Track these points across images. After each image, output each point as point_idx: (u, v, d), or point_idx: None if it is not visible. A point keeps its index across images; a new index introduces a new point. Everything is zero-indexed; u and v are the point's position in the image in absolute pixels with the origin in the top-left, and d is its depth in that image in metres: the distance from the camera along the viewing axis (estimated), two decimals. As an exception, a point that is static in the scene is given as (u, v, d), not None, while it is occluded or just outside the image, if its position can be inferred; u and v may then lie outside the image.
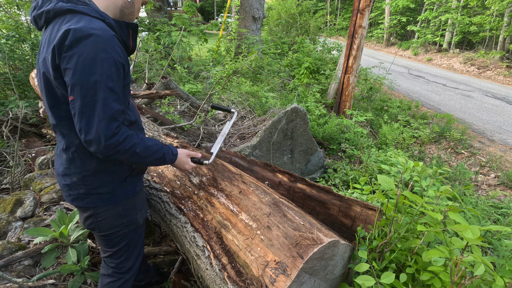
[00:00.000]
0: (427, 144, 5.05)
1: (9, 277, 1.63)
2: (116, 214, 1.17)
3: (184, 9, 4.64)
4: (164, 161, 1.16)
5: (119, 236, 1.23)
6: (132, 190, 1.20)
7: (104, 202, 1.13)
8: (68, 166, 1.06)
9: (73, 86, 0.87)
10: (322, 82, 6.28)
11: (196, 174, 1.64)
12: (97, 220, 1.15)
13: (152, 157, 1.09)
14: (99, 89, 0.89)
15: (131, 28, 1.06)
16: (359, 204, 1.47)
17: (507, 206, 2.63)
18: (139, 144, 1.02)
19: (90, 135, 0.90)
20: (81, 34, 0.85)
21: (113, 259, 1.29)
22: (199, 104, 3.75)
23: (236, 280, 1.08)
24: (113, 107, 0.92)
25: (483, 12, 15.32)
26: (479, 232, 0.87)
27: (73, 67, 0.86)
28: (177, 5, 21.33)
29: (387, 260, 1.11)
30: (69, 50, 0.85)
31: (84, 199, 1.10)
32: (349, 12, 25.53)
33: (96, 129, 0.89)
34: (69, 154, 1.04)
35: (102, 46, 0.88)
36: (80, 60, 0.85)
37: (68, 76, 0.87)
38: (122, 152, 0.97)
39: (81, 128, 0.90)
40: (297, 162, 2.98)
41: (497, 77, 11.36)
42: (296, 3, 10.07)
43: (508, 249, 1.70)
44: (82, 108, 0.88)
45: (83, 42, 0.85)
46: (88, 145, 0.93)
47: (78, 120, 0.90)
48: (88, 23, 0.88)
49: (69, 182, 1.08)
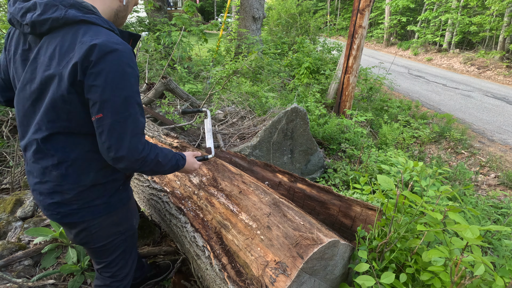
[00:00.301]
0: (427, 144, 5.05)
1: (9, 277, 1.63)
2: (111, 223, 1.14)
3: (184, 9, 4.64)
4: (178, 167, 1.16)
5: (115, 245, 1.20)
6: (126, 196, 1.18)
7: (100, 213, 1.09)
8: (59, 183, 0.99)
9: (103, 103, 0.85)
10: (322, 82, 6.28)
11: (196, 174, 1.64)
12: (91, 232, 1.10)
13: (169, 164, 1.09)
14: (130, 105, 0.88)
15: (133, 38, 1.06)
16: (359, 204, 1.47)
17: (507, 206, 2.63)
18: (160, 154, 1.03)
19: (122, 152, 0.89)
20: (106, 50, 0.83)
21: (109, 269, 1.25)
22: (199, 104, 3.75)
23: (236, 280, 1.08)
24: (142, 121, 0.93)
25: (483, 12, 15.33)
26: (479, 232, 0.87)
27: (102, 84, 0.83)
28: (177, 5, 21.33)
29: (387, 260, 1.11)
30: (95, 66, 0.82)
31: (77, 214, 1.05)
32: (349, 12, 25.54)
33: (129, 145, 0.89)
34: (62, 170, 0.97)
35: (127, 61, 0.87)
36: (110, 77, 0.84)
37: (96, 93, 0.84)
38: (148, 163, 0.98)
39: (111, 146, 0.88)
40: (297, 162, 2.98)
41: (497, 77, 11.36)
42: (296, 3, 10.07)
43: (508, 249, 1.70)
44: (113, 125, 0.87)
45: (109, 58, 0.83)
46: (118, 162, 0.91)
47: (107, 137, 0.87)
48: (108, 37, 0.86)
49: (60, 200, 1.01)
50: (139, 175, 1.84)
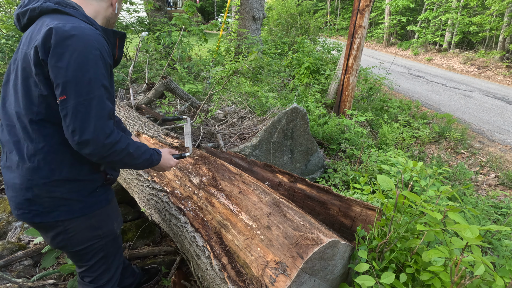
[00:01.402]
0: (427, 144, 5.05)
1: (9, 277, 1.63)
2: (89, 226, 1.09)
3: (184, 9, 4.64)
4: (152, 162, 1.13)
5: (94, 249, 1.15)
6: (105, 199, 1.13)
7: (74, 214, 1.03)
8: (31, 177, 0.93)
9: (65, 84, 0.83)
10: (322, 82, 6.28)
11: (196, 174, 1.64)
12: (68, 236, 1.05)
13: (142, 157, 1.06)
14: (95, 86, 0.85)
15: (118, 37, 1.04)
16: (359, 204, 1.47)
17: (507, 206, 2.63)
18: (131, 144, 0.99)
19: (87, 135, 0.85)
20: (71, 32, 0.83)
21: (90, 273, 1.21)
22: (199, 104, 3.74)
23: (236, 280, 1.08)
24: (108, 105, 0.90)
25: (483, 12, 15.32)
26: (479, 231, 0.87)
27: (65, 65, 0.82)
28: (177, 5, 21.33)
29: (387, 260, 1.11)
30: (58, 47, 0.82)
31: (50, 213, 0.99)
32: (349, 12, 25.53)
33: (94, 128, 0.85)
34: (35, 163, 0.92)
35: (94, 45, 0.86)
36: (73, 58, 0.82)
37: (59, 75, 0.82)
38: (118, 152, 0.93)
39: (76, 128, 0.84)
40: (297, 162, 2.98)
41: (497, 77, 11.36)
42: (296, 3, 10.07)
43: (508, 249, 1.70)
44: (77, 107, 0.83)
45: (74, 40, 0.83)
46: (83, 147, 0.86)
47: (71, 120, 0.84)
48: (77, 23, 0.87)
49: (31, 196, 0.95)
50: (138, 175, 1.84)
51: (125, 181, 1.99)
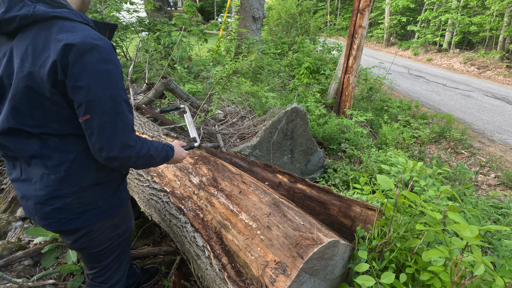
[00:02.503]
0: (427, 144, 5.05)
1: (9, 277, 1.63)
2: (112, 226, 1.11)
3: (184, 9, 4.64)
4: (167, 158, 1.15)
5: (113, 248, 1.17)
6: (126, 197, 1.17)
7: (101, 216, 1.06)
8: (58, 187, 0.94)
9: (89, 104, 0.82)
10: (322, 82, 6.28)
11: (196, 174, 1.64)
12: (91, 237, 1.07)
13: (160, 156, 1.08)
14: (117, 103, 0.87)
15: (109, 29, 1.04)
16: (358, 204, 1.47)
17: (507, 206, 2.63)
18: (151, 147, 1.03)
19: (114, 151, 0.88)
20: (85, 48, 0.80)
21: (102, 273, 1.21)
22: (199, 104, 3.74)
23: (236, 280, 1.08)
24: (131, 118, 0.92)
25: (483, 12, 15.32)
26: (478, 231, 0.87)
27: (86, 85, 0.81)
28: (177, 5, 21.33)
29: (386, 260, 1.11)
30: (76, 66, 0.79)
31: (79, 219, 1.01)
32: (349, 12, 25.53)
33: (120, 144, 0.88)
34: (61, 173, 0.93)
35: (108, 57, 0.85)
36: (93, 76, 0.81)
37: (80, 95, 0.81)
38: (142, 158, 0.97)
39: (103, 146, 0.86)
40: (297, 162, 2.98)
41: (497, 77, 11.36)
42: (296, 3, 10.07)
43: (508, 249, 1.70)
44: (102, 125, 0.85)
45: (89, 56, 0.80)
46: (111, 161, 0.90)
47: (98, 138, 0.86)
48: (85, 32, 0.83)
49: (61, 205, 0.96)
50: (138, 175, 1.84)
51: (125, 181, 1.98)
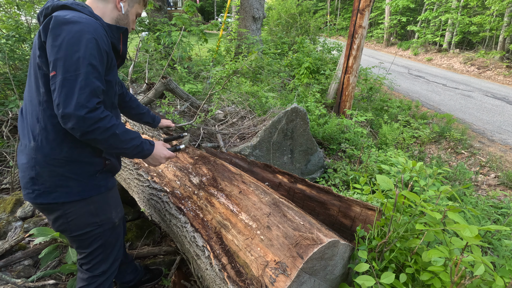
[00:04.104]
0: (427, 144, 5.05)
1: (8, 277, 1.63)
2: (88, 212, 1.13)
3: (184, 9, 4.64)
4: (142, 150, 1.13)
5: (93, 236, 1.18)
6: (104, 185, 1.17)
7: (73, 197, 1.07)
8: (35, 155, 1.00)
9: (56, 61, 0.90)
10: (322, 82, 6.27)
11: (196, 174, 1.64)
12: (68, 220, 1.10)
13: (130, 143, 1.06)
14: (82, 64, 0.91)
15: (122, 32, 1.12)
16: (358, 204, 1.47)
17: (507, 206, 2.63)
18: (119, 126, 1.02)
19: (69, 108, 0.88)
20: (68, 19, 0.92)
21: (87, 260, 1.23)
22: (199, 104, 3.75)
23: (236, 280, 1.08)
24: (94, 82, 0.93)
25: (483, 12, 15.32)
26: (478, 231, 0.87)
27: (58, 44, 0.90)
28: (177, 5, 21.33)
29: (386, 260, 1.11)
30: (55, 29, 0.90)
31: (51, 194, 1.04)
32: (349, 12, 25.53)
33: (76, 101, 0.89)
34: (38, 142, 1.00)
35: (89, 30, 0.93)
36: (66, 38, 0.90)
37: (52, 53, 0.90)
38: (101, 130, 0.95)
39: (60, 102, 0.89)
40: (297, 162, 2.98)
41: (497, 77, 11.36)
42: (296, 3, 10.06)
43: (508, 249, 1.70)
44: (63, 82, 0.89)
45: (70, 24, 0.91)
46: (66, 120, 0.90)
47: (57, 94, 0.89)
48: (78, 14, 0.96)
49: (34, 175, 1.01)
50: (138, 175, 1.84)
51: (125, 181, 1.98)
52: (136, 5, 1.19)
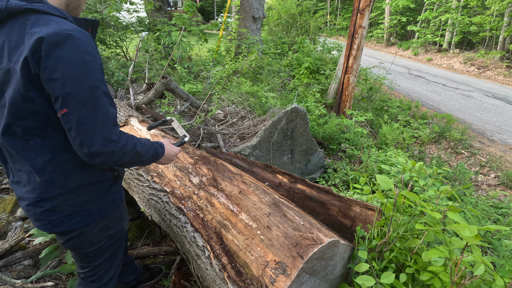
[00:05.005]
0: (427, 144, 5.05)
1: (8, 278, 1.63)
2: (104, 227, 1.10)
3: (184, 9, 4.64)
4: (157, 155, 1.11)
5: (104, 249, 1.16)
6: (119, 197, 1.15)
7: (94, 217, 1.04)
8: (45, 189, 0.93)
9: (65, 97, 0.78)
10: (322, 82, 6.27)
11: (196, 174, 1.64)
12: (82, 239, 1.05)
13: (149, 154, 1.04)
14: (96, 95, 0.82)
15: (91, 26, 1.00)
16: (358, 204, 1.47)
17: (507, 206, 2.63)
18: (138, 143, 0.98)
19: (96, 147, 0.83)
20: (58, 39, 0.76)
21: (94, 273, 1.20)
22: (199, 104, 3.74)
23: (236, 280, 1.08)
24: (112, 111, 0.88)
25: (483, 12, 15.32)
26: (477, 231, 0.87)
27: (61, 76, 0.77)
28: (177, 5, 21.33)
29: (386, 259, 1.11)
30: (49, 58, 0.76)
31: (70, 221, 0.99)
32: (349, 12, 25.53)
33: (102, 138, 0.83)
34: (46, 176, 0.91)
35: (85, 48, 0.80)
36: (68, 67, 0.77)
37: (56, 88, 0.78)
38: (127, 154, 0.92)
39: (83, 141, 0.82)
40: (297, 162, 2.98)
41: (497, 77, 11.36)
42: (296, 3, 10.07)
43: (508, 249, 1.70)
44: (81, 119, 0.80)
45: (63, 47, 0.77)
46: (93, 158, 0.85)
47: (77, 133, 0.81)
48: (59, 24, 0.79)
49: (50, 207, 0.95)
50: (138, 175, 1.84)
51: (125, 181, 1.99)
52: None
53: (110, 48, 6.09)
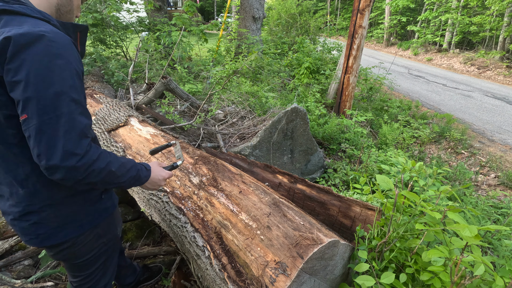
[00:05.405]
0: (427, 144, 5.05)
1: (8, 278, 1.63)
2: (96, 235, 1.05)
3: (184, 9, 4.64)
4: (139, 178, 0.99)
5: (97, 257, 1.11)
6: (112, 205, 1.09)
7: (85, 228, 0.98)
8: (30, 202, 0.87)
9: (26, 102, 0.71)
10: (322, 82, 6.28)
11: (196, 174, 1.64)
12: (74, 249, 1.00)
13: (127, 175, 0.93)
14: (62, 101, 0.73)
15: (80, 31, 0.92)
16: (358, 204, 1.47)
17: (507, 206, 2.63)
18: (114, 162, 0.87)
19: (55, 159, 0.72)
20: (28, 39, 0.70)
21: (86, 281, 1.15)
22: (199, 104, 3.75)
23: (236, 280, 1.08)
24: (81, 121, 0.77)
25: (483, 12, 15.33)
26: (477, 231, 0.87)
27: (24, 79, 0.70)
28: (177, 5, 21.33)
29: (386, 259, 1.11)
30: (14, 59, 0.69)
31: (60, 233, 0.93)
32: (349, 12, 25.53)
33: (63, 150, 0.73)
34: (30, 187, 0.85)
35: (58, 51, 0.73)
36: (33, 70, 0.70)
37: (18, 91, 0.70)
38: (96, 173, 0.81)
39: (41, 153, 0.72)
40: (297, 162, 2.98)
41: (497, 77, 11.36)
42: (296, 3, 10.07)
43: (508, 249, 1.70)
44: (41, 127, 0.71)
45: (32, 48, 0.70)
46: (52, 173, 0.74)
47: (35, 142, 0.72)
48: (34, 25, 0.74)
49: (37, 220, 0.89)
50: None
51: (125, 181, 1.98)
52: None
53: (110, 48, 6.09)
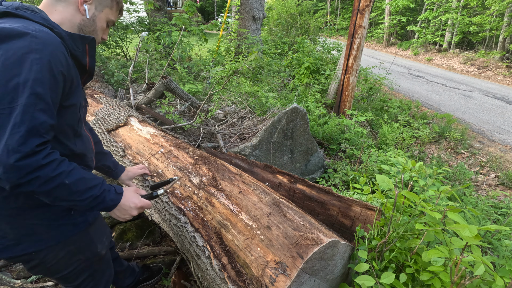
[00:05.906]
0: (427, 144, 5.05)
1: (8, 278, 1.63)
2: (69, 253, 0.98)
3: (184, 9, 4.64)
4: (103, 201, 0.88)
5: (79, 271, 1.05)
6: (83, 221, 0.99)
7: (47, 243, 0.90)
8: None
9: None
10: (322, 82, 6.28)
11: (196, 174, 1.64)
12: (47, 266, 0.95)
13: (86, 194, 0.83)
14: (21, 94, 0.68)
15: (87, 43, 0.89)
16: (358, 204, 1.47)
17: (507, 206, 2.63)
18: (71, 174, 0.78)
19: None
20: (9, 33, 0.69)
21: None
22: (199, 104, 3.75)
23: (236, 280, 1.08)
24: (37, 117, 0.70)
25: (483, 12, 15.33)
26: (477, 231, 0.87)
27: None
28: (177, 5, 21.34)
29: (386, 259, 1.11)
30: None
31: (17, 247, 0.87)
32: (349, 12, 25.54)
33: (4, 144, 0.66)
34: None
35: (36, 46, 0.70)
36: (2, 60, 0.68)
37: None
38: (42, 181, 0.72)
39: None
40: (297, 162, 2.98)
41: (497, 77, 11.36)
42: (296, 3, 10.08)
43: (508, 249, 1.70)
44: None
45: (12, 42, 0.69)
46: None
47: None
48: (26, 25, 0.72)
49: None
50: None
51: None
52: (106, 10, 0.94)
53: (110, 48, 6.09)
